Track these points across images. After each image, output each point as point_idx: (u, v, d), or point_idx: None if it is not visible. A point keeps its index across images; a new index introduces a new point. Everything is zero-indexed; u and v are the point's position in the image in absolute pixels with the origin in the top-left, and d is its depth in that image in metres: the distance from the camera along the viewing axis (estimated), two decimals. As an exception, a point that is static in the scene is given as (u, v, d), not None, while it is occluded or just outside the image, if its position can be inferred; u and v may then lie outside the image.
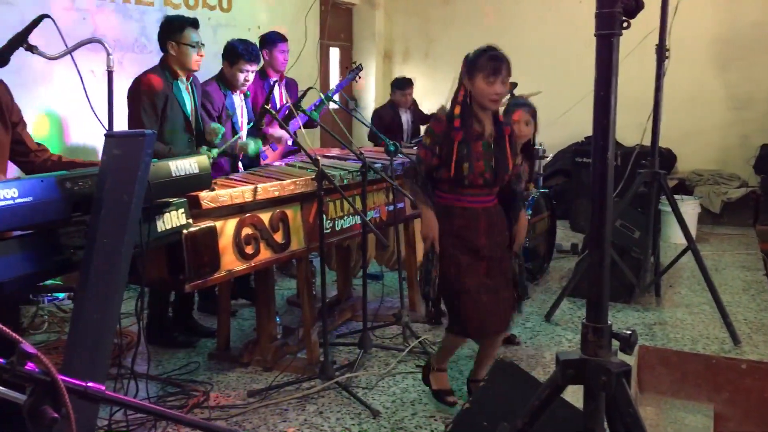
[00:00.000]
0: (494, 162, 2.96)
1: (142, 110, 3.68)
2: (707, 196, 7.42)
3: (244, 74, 4.29)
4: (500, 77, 2.90)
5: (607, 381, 1.60)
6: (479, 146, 2.95)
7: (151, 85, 3.71)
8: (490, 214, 3.06)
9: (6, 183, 1.88)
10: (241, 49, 4.23)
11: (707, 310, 4.68)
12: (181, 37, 3.76)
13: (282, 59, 4.96)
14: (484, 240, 3.03)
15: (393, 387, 3.52)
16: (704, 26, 7.47)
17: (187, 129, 3.89)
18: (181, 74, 3.85)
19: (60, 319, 4.36)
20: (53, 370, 0.98)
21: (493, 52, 2.94)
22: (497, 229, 3.08)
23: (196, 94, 4.00)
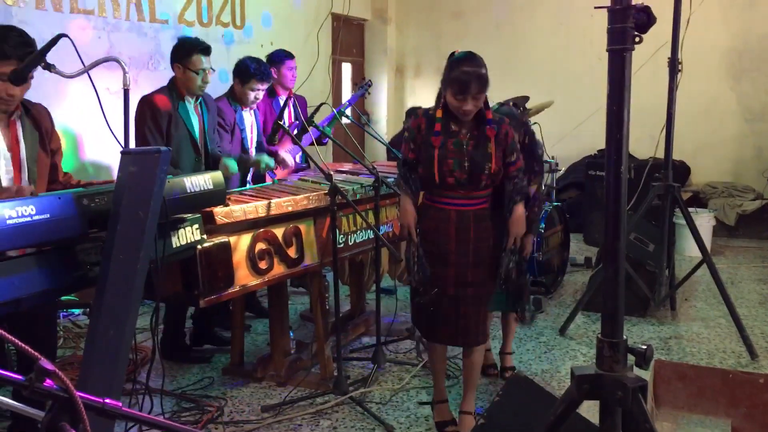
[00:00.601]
0: (468, 162, 2.90)
1: (146, 129, 3.73)
2: (722, 208, 7.37)
3: (255, 92, 4.34)
4: (468, 95, 2.84)
5: (623, 396, 1.59)
6: (450, 144, 2.93)
7: (155, 104, 3.75)
8: (465, 218, 2.97)
9: (23, 200, 1.90)
10: (254, 68, 4.27)
11: (723, 324, 4.64)
12: (188, 62, 3.80)
13: (290, 76, 5.03)
14: (453, 245, 2.97)
15: (407, 402, 3.50)
16: (716, 38, 7.45)
17: (194, 149, 3.92)
18: (188, 95, 3.89)
19: (75, 334, 4.38)
20: (71, 387, 0.98)
21: (465, 68, 2.84)
22: (474, 235, 2.98)
23: (207, 114, 4.02)
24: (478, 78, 2.84)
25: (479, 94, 2.86)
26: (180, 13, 5.72)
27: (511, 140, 2.99)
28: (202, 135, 3.98)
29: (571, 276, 5.91)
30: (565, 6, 8.16)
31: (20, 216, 1.86)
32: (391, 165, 4.56)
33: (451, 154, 2.92)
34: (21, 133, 2.64)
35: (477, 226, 2.99)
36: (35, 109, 2.73)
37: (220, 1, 6.15)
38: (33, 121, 2.70)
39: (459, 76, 2.84)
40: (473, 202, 2.98)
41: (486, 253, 3.02)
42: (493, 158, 2.93)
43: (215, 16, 6.10)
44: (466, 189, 2.95)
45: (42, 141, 2.71)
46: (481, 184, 2.95)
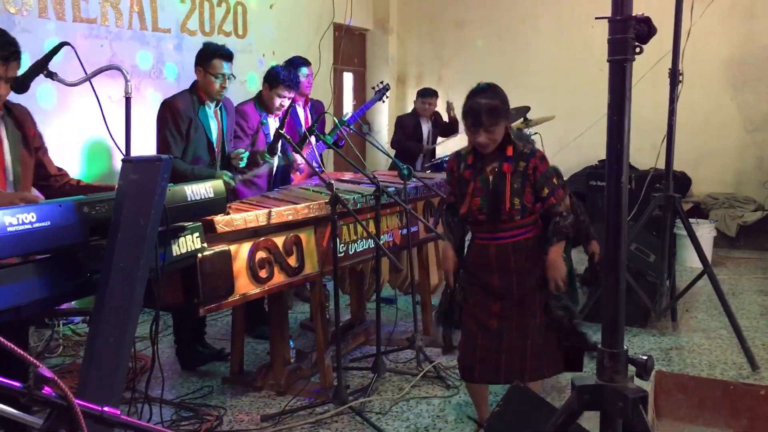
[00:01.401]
0: (489, 198, 2.86)
1: (167, 132, 3.83)
2: (723, 219, 7.36)
3: (281, 99, 4.44)
4: (480, 128, 2.79)
5: (624, 407, 1.58)
6: (478, 181, 2.89)
7: (176, 107, 3.85)
8: (505, 251, 2.89)
9: (24, 208, 1.90)
10: (283, 75, 4.41)
11: (724, 335, 4.63)
12: (209, 66, 3.89)
13: (306, 83, 5.12)
14: (497, 279, 2.92)
15: (407, 412, 3.49)
16: (717, 49, 7.48)
17: (210, 152, 4.00)
18: (208, 99, 3.94)
19: (75, 342, 4.37)
20: (70, 395, 0.98)
21: (477, 99, 2.80)
22: (516, 266, 2.90)
23: (226, 118, 4.11)
24: (489, 111, 2.77)
25: (492, 127, 2.79)
26: (182, 22, 5.74)
27: (540, 174, 2.87)
28: (220, 139, 4.07)
29: (572, 286, 5.89)
30: (567, 17, 8.20)
31: (21, 223, 1.86)
32: (392, 174, 4.56)
33: (478, 191, 2.88)
34: (4, 133, 2.63)
35: (517, 256, 2.90)
36: (16, 109, 2.71)
37: (222, 11, 6.18)
38: (15, 121, 2.68)
39: (470, 108, 2.81)
40: (512, 233, 2.90)
41: (531, 284, 2.92)
42: (507, 196, 2.83)
43: (217, 25, 6.13)
44: (496, 224, 2.88)
45: (25, 140, 2.70)
46: (506, 219, 2.86)
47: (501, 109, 2.81)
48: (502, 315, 2.92)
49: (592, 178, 7.21)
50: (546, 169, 2.89)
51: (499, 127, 2.81)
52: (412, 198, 4.24)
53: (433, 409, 3.51)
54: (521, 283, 2.91)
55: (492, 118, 2.78)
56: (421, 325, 4.34)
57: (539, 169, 2.87)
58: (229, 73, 3.94)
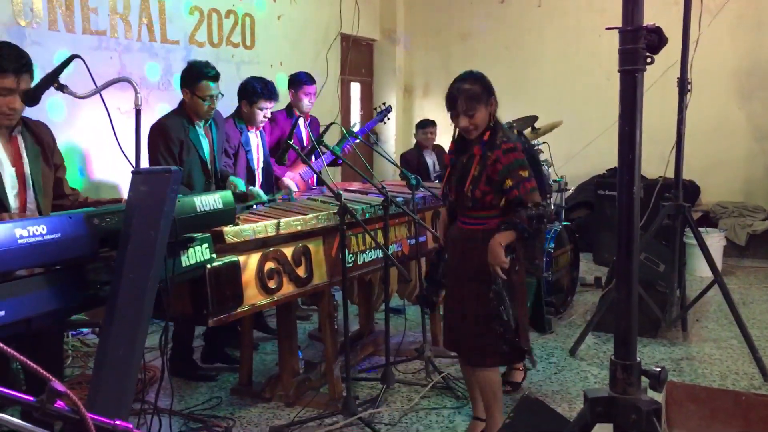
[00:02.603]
0: (456, 180, 3.02)
1: (159, 155, 3.77)
2: (732, 228, 7.33)
3: (263, 112, 4.35)
4: (459, 112, 2.91)
5: (638, 419, 1.57)
6: (457, 166, 3.04)
7: (166, 132, 3.79)
8: (460, 236, 3.08)
9: (35, 220, 1.91)
10: (260, 88, 4.28)
11: (735, 345, 4.59)
12: (196, 88, 3.81)
13: (307, 102, 5.01)
14: (452, 260, 3.15)
15: (416, 423, 3.47)
16: (725, 58, 7.46)
17: (204, 172, 3.94)
18: (197, 119, 3.90)
19: (84, 353, 4.38)
20: (83, 409, 0.98)
21: (455, 85, 2.94)
22: (460, 255, 3.06)
23: (216, 133, 4.04)
24: (467, 94, 2.88)
25: (470, 111, 2.89)
26: (191, 34, 5.77)
27: (502, 167, 2.87)
28: (212, 157, 4.00)
29: (581, 296, 5.87)
30: (573, 27, 8.20)
31: (31, 235, 1.86)
32: (401, 185, 4.56)
33: (455, 172, 3.04)
34: (23, 148, 2.65)
35: (464, 245, 3.04)
36: (35, 125, 2.74)
37: (230, 22, 6.21)
38: (34, 137, 2.71)
39: (449, 93, 2.95)
40: (470, 221, 3.03)
41: (473, 273, 2.97)
42: (469, 180, 2.93)
43: (225, 37, 6.16)
44: (461, 208, 3.05)
45: (44, 155, 2.72)
46: (464, 204, 3.00)
47: (479, 94, 2.90)
48: (450, 294, 3.18)
49: (601, 187, 7.19)
50: (511, 161, 2.88)
51: (478, 112, 2.90)
52: (420, 208, 4.24)
53: (443, 420, 3.49)
54: (462, 269, 3.05)
55: (469, 102, 2.88)
56: (429, 335, 4.32)
57: (501, 161, 2.88)
58: (217, 93, 3.85)
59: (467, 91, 2.90)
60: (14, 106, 2.53)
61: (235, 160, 4.32)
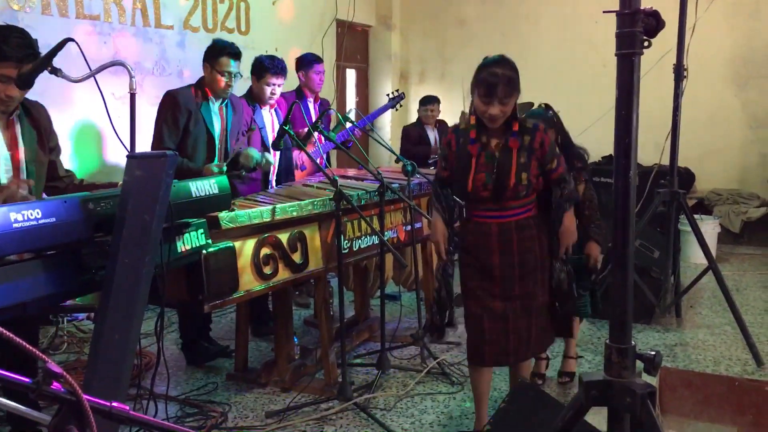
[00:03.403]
0: (495, 174, 2.81)
1: (163, 122, 3.79)
2: (727, 215, 7.35)
3: (271, 87, 4.36)
4: (495, 99, 2.74)
5: (632, 402, 1.58)
6: (482, 158, 2.84)
7: (175, 99, 3.81)
8: (507, 229, 2.85)
9: (29, 204, 1.90)
10: (268, 63, 4.32)
11: (729, 331, 4.62)
12: (216, 63, 3.85)
13: (318, 80, 5.08)
14: (496, 259, 2.87)
15: (411, 408, 3.49)
16: (721, 45, 7.45)
17: (209, 147, 3.93)
18: (213, 96, 3.91)
19: (79, 339, 4.38)
20: (79, 390, 0.98)
21: (492, 70, 2.76)
22: (518, 247, 2.86)
23: (231, 116, 4.04)
24: (507, 81, 2.74)
25: (507, 98, 2.75)
26: (185, 18, 5.73)
27: (548, 148, 2.87)
28: (223, 137, 4.00)
29: (576, 283, 5.88)
30: (570, 13, 8.17)
31: (26, 219, 1.86)
32: (396, 170, 4.56)
33: (482, 167, 2.83)
34: (20, 132, 2.64)
35: (520, 236, 2.87)
36: (34, 109, 2.74)
37: (225, 7, 6.17)
38: (32, 121, 2.70)
39: (486, 78, 2.75)
40: (515, 212, 2.87)
41: (533, 263, 2.90)
42: (513, 172, 2.80)
43: (220, 22, 6.12)
44: (500, 201, 2.85)
45: (41, 140, 2.72)
46: (513, 195, 2.84)
47: (516, 80, 2.80)
48: (503, 296, 2.89)
49: (596, 174, 7.16)
50: (551, 141, 2.93)
51: (512, 99, 2.78)
52: (416, 194, 4.24)
53: (438, 405, 3.51)
54: (522, 263, 2.88)
55: (508, 89, 2.74)
56: (425, 321, 4.34)
57: (546, 142, 2.87)
58: (236, 71, 3.89)
59: (507, 78, 2.75)
60: (11, 94, 2.51)
61: (249, 138, 4.35)
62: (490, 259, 2.88)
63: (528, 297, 2.90)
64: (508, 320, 2.89)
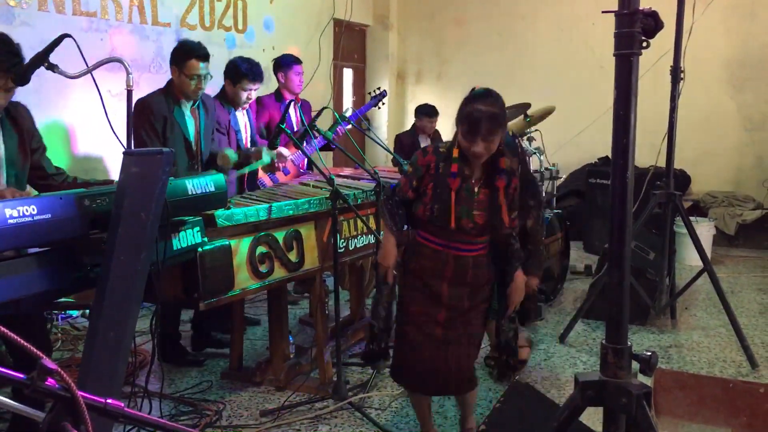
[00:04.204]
0: (482, 213, 2.68)
1: (143, 131, 3.70)
2: (722, 218, 7.37)
3: (247, 93, 4.30)
4: (479, 136, 2.58)
5: (628, 403, 1.58)
6: (462, 190, 2.68)
7: (149, 107, 3.72)
8: (463, 263, 2.75)
9: (25, 200, 1.89)
10: (245, 68, 4.24)
11: (723, 333, 4.63)
12: (184, 67, 3.75)
13: (297, 81, 5.04)
14: (446, 288, 2.76)
15: (406, 408, 3.48)
16: (717, 48, 7.47)
17: (188, 152, 3.88)
18: (184, 99, 3.84)
19: (73, 337, 4.36)
20: (73, 387, 0.97)
21: (478, 106, 2.58)
22: (471, 282, 2.77)
23: (204, 116, 3.97)
24: (491, 118, 2.57)
25: (491, 136, 2.58)
26: (182, 16, 5.72)
27: (516, 194, 2.74)
28: (198, 138, 3.92)
29: (571, 284, 5.89)
30: (567, 14, 8.19)
31: (22, 216, 1.85)
32: (393, 170, 4.55)
33: (462, 201, 2.68)
34: (1, 135, 2.62)
35: (475, 272, 2.78)
36: (15, 110, 2.70)
37: (222, 5, 6.16)
38: (13, 122, 2.66)
39: (470, 114, 2.59)
40: (473, 248, 2.76)
41: (481, 298, 2.83)
42: (503, 212, 2.69)
43: (217, 20, 6.11)
44: (469, 236, 2.73)
45: (22, 142, 2.69)
46: (495, 234, 2.76)
47: (501, 117, 2.63)
48: (447, 324, 2.78)
49: (592, 175, 7.20)
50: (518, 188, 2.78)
51: (497, 136, 2.61)
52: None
53: (432, 406, 3.50)
54: (471, 296, 2.79)
55: (492, 127, 2.58)
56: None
57: (517, 189, 2.76)
58: (206, 73, 3.79)
59: (491, 115, 2.58)
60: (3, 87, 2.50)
61: (228, 140, 4.31)
62: (440, 287, 2.77)
63: (467, 327, 2.81)
64: (449, 349, 2.79)
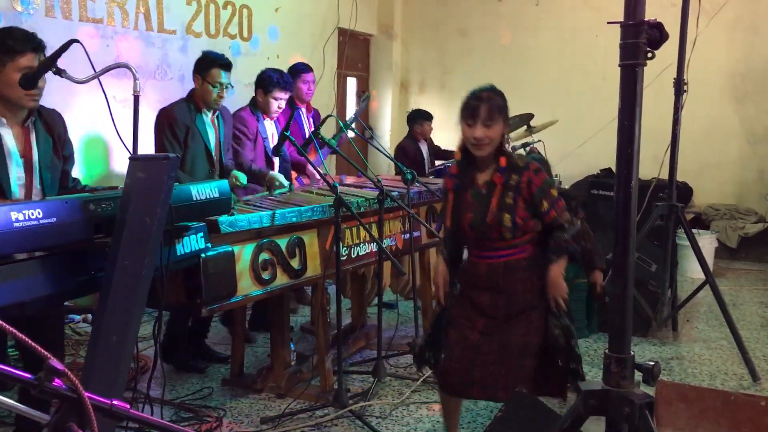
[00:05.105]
0: (477, 212, 2.70)
1: (165, 139, 3.79)
2: (724, 230, 7.36)
3: (278, 102, 4.42)
4: (478, 120, 2.64)
5: (631, 413, 1.58)
6: (468, 196, 2.74)
7: (173, 116, 3.82)
8: (495, 271, 2.74)
9: (30, 204, 1.90)
10: (276, 78, 4.37)
11: (725, 346, 4.62)
12: (207, 75, 3.85)
13: (305, 89, 5.07)
14: (485, 297, 2.77)
15: (407, 417, 3.48)
16: (720, 61, 7.48)
17: (208, 160, 3.96)
18: (205, 107, 3.92)
19: (75, 341, 4.36)
20: (80, 388, 0.98)
21: (477, 93, 2.70)
22: (504, 289, 2.74)
23: (223, 127, 4.06)
24: (489, 101, 2.66)
25: (490, 121, 2.64)
26: (188, 24, 5.75)
27: (536, 189, 2.69)
28: (218, 148, 4.02)
29: (573, 294, 5.89)
30: (570, 26, 8.21)
31: (27, 219, 1.85)
32: (396, 179, 4.57)
33: (469, 206, 2.73)
34: (34, 138, 2.62)
35: (509, 278, 2.74)
36: (49, 115, 2.71)
37: (227, 13, 6.19)
38: (47, 127, 2.67)
39: (470, 101, 2.71)
40: (504, 252, 2.74)
41: (521, 305, 2.76)
42: (491, 211, 2.68)
43: (222, 28, 6.14)
44: (490, 241, 2.73)
45: (55, 147, 2.70)
46: (498, 236, 2.71)
47: (501, 104, 2.71)
48: (484, 331, 2.77)
49: (594, 186, 7.20)
50: (542, 182, 2.72)
51: (496, 123, 2.67)
52: (415, 203, 4.24)
53: (433, 414, 3.50)
54: (509, 304, 2.76)
55: (490, 111, 2.65)
56: (421, 330, 4.33)
57: (534, 183, 2.70)
58: (227, 83, 3.88)
59: (490, 100, 2.67)
60: (41, 85, 2.51)
61: (254, 146, 4.38)
62: (478, 297, 2.80)
63: (509, 336, 2.76)
64: (479, 353, 2.76)
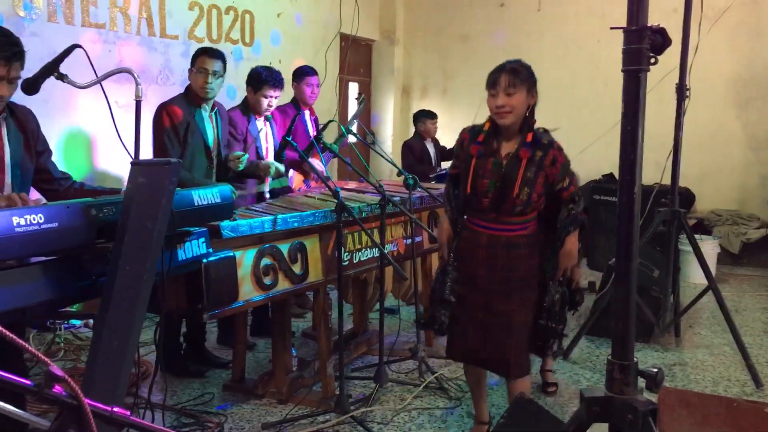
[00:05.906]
0: (500, 183, 2.76)
1: (165, 137, 3.79)
2: (726, 236, 7.35)
3: (268, 100, 4.37)
4: (500, 88, 2.72)
5: (634, 420, 1.57)
6: (489, 163, 2.79)
7: (174, 111, 3.83)
8: (496, 244, 2.82)
9: (32, 209, 1.89)
10: (265, 75, 4.33)
11: (728, 352, 4.60)
12: (195, 62, 3.91)
13: (309, 92, 5.04)
14: (481, 270, 2.85)
15: (408, 423, 3.47)
16: (722, 67, 7.48)
17: (207, 156, 3.97)
18: (203, 102, 3.91)
19: (76, 346, 4.36)
20: (80, 394, 0.97)
21: (501, 64, 2.79)
22: (503, 263, 2.82)
23: (221, 124, 4.08)
24: (512, 70, 2.73)
25: (511, 88, 2.71)
26: (190, 29, 5.76)
27: (560, 167, 2.80)
28: (216, 143, 4.04)
29: (575, 300, 5.87)
30: (572, 32, 8.21)
31: (29, 224, 1.85)
32: (398, 184, 4.56)
33: (487, 173, 2.77)
34: (5, 135, 2.60)
35: (508, 254, 2.81)
36: (20, 112, 2.68)
37: (229, 19, 6.20)
38: (18, 123, 2.65)
39: (492, 72, 2.78)
40: (508, 227, 2.81)
41: (517, 282, 2.84)
42: (518, 183, 2.73)
43: (224, 33, 6.15)
44: (498, 213, 2.80)
45: (27, 143, 2.67)
46: (510, 209, 2.78)
47: (524, 73, 2.76)
48: (486, 307, 2.86)
49: (596, 192, 7.20)
50: (565, 159, 2.84)
51: (519, 92, 2.73)
52: (417, 208, 4.24)
53: (435, 420, 3.49)
54: (506, 280, 2.83)
55: (512, 78, 2.72)
56: (423, 335, 4.32)
57: (559, 160, 2.80)
58: (216, 70, 3.88)
59: (513, 70, 2.74)
60: (1, 93, 2.48)
61: (243, 147, 4.35)
62: (476, 270, 2.88)
63: (508, 314, 2.84)
64: (489, 330, 2.87)
